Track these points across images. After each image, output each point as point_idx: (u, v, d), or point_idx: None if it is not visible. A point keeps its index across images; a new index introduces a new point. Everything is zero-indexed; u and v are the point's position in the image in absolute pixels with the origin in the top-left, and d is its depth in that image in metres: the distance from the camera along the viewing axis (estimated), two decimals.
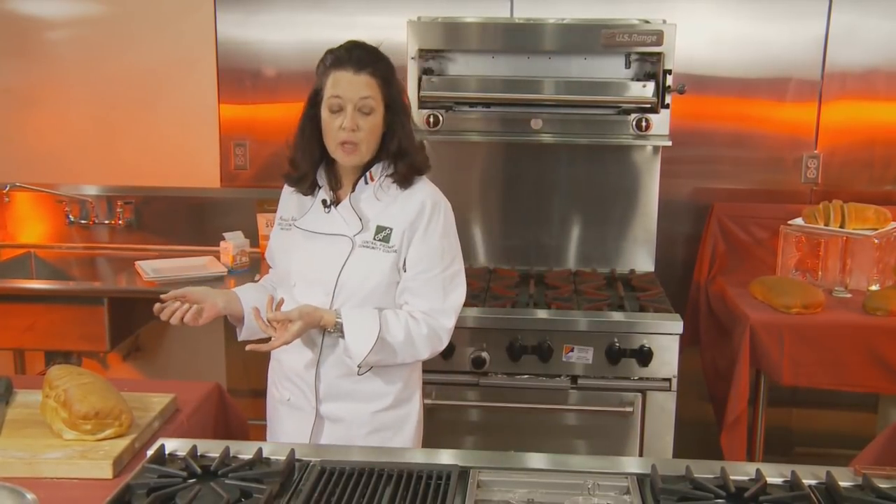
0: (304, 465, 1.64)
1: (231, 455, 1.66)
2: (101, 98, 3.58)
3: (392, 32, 3.30)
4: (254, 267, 3.26)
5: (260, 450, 1.66)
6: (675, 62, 2.98)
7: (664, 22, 3.10)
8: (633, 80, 3.06)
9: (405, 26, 3.02)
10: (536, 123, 3.11)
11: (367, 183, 1.98)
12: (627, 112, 3.07)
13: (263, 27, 3.46)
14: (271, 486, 1.52)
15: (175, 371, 3.61)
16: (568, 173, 3.34)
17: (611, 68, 3.11)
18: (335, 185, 2.01)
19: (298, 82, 3.48)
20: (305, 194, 2.02)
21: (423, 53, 3.01)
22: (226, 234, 3.29)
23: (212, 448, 1.69)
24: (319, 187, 2.00)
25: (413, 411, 2.13)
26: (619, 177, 3.33)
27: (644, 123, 3.04)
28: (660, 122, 3.05)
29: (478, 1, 3.35)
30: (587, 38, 3.01)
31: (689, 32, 3.19)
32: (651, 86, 2.99)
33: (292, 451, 1.66)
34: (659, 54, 2.96)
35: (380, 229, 1.94)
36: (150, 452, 1.66)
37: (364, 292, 1.95)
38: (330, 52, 1.92)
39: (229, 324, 3.48)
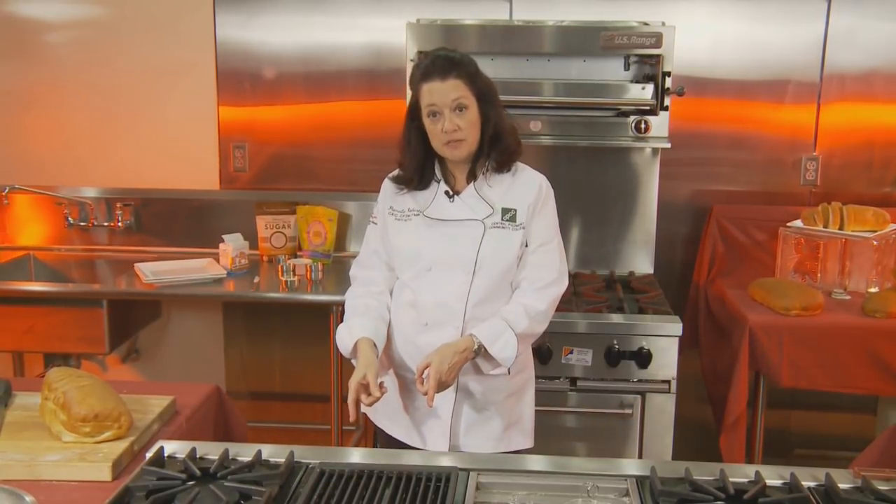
0: (304, 467, 1.64)
1: (230, 457, 1.66)
2: (101, 100, 3.58)
3: (391, 34, 3.35)
4: (253, 269, 3.26)
5: (259, 452, 1.66)
6: (674, 64, 2.98)
7: (663, 24, 3.11)
8: (632, 82, 3.06)
9: (404, 28, 3.02)
10: (536, 126, 3.11)
11: (476, 178, 2.19)
12: (626, 114, 3.08)
13: (263, 29, 3.46)
14: (270, 489, 1.52)
15: (174, 373, 3.60)
16: (567, 175, 3.33)
17: (610, 70, 3.11)
18: (449, 177, 2.21)
19: (298, 84, 3.49)
20: (417, 189, 2.22)
21: (423, 55, 3.01)
22: (225, 237, 3.29)
23: (211, 450, 1.69)
24: (437, 182, 2.21)
25: (531, 378, 2.31)
26: (618, 179, 3.33)
27: (643, 125, 3.05)
28: (659, 125, 3.06)
29: (477, 3, 3.35)
30: (586, 40, 3.01)
31: (688, 34, 3.19)
32: (650, 88, 2.99)
33: (291, 453, 1.66)
34: (658, 56, 2.97)
35: (505, 211, 2.16)
36: (149, 455, 1.66)
37: (499, 268, 2.15)
38: (417, 67, 2.16)
39: (228, 326, 3.53)
